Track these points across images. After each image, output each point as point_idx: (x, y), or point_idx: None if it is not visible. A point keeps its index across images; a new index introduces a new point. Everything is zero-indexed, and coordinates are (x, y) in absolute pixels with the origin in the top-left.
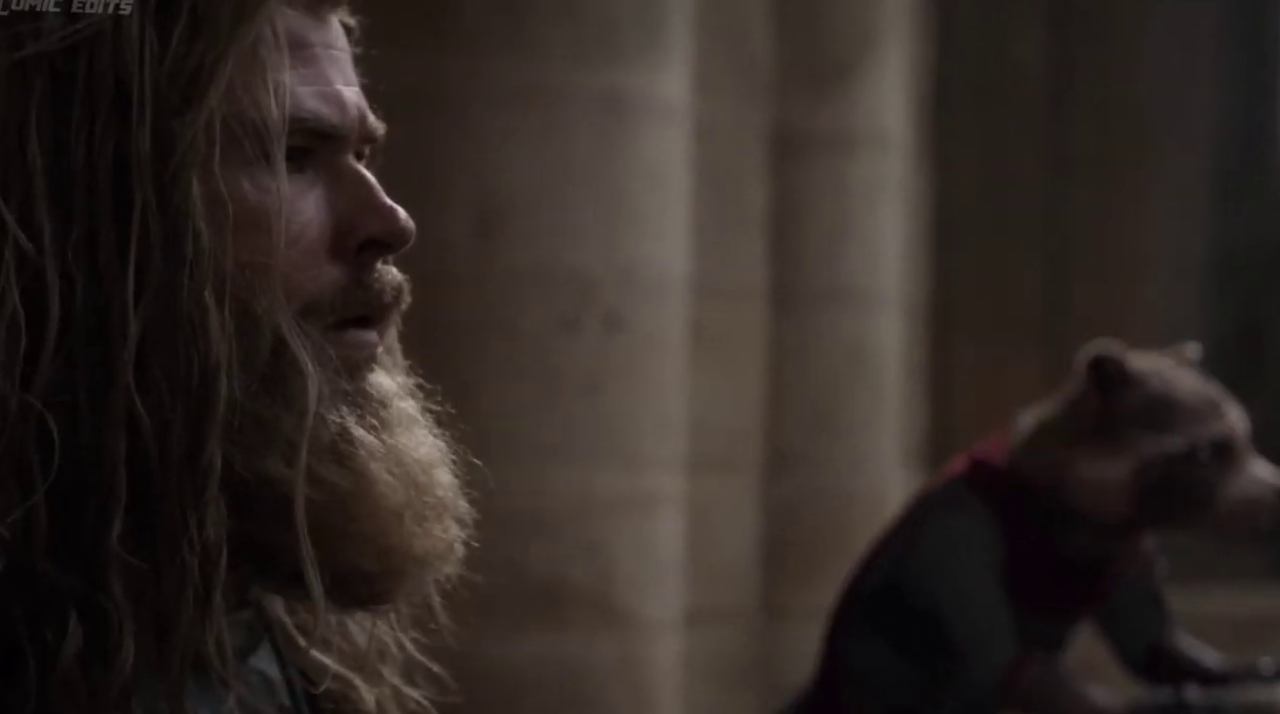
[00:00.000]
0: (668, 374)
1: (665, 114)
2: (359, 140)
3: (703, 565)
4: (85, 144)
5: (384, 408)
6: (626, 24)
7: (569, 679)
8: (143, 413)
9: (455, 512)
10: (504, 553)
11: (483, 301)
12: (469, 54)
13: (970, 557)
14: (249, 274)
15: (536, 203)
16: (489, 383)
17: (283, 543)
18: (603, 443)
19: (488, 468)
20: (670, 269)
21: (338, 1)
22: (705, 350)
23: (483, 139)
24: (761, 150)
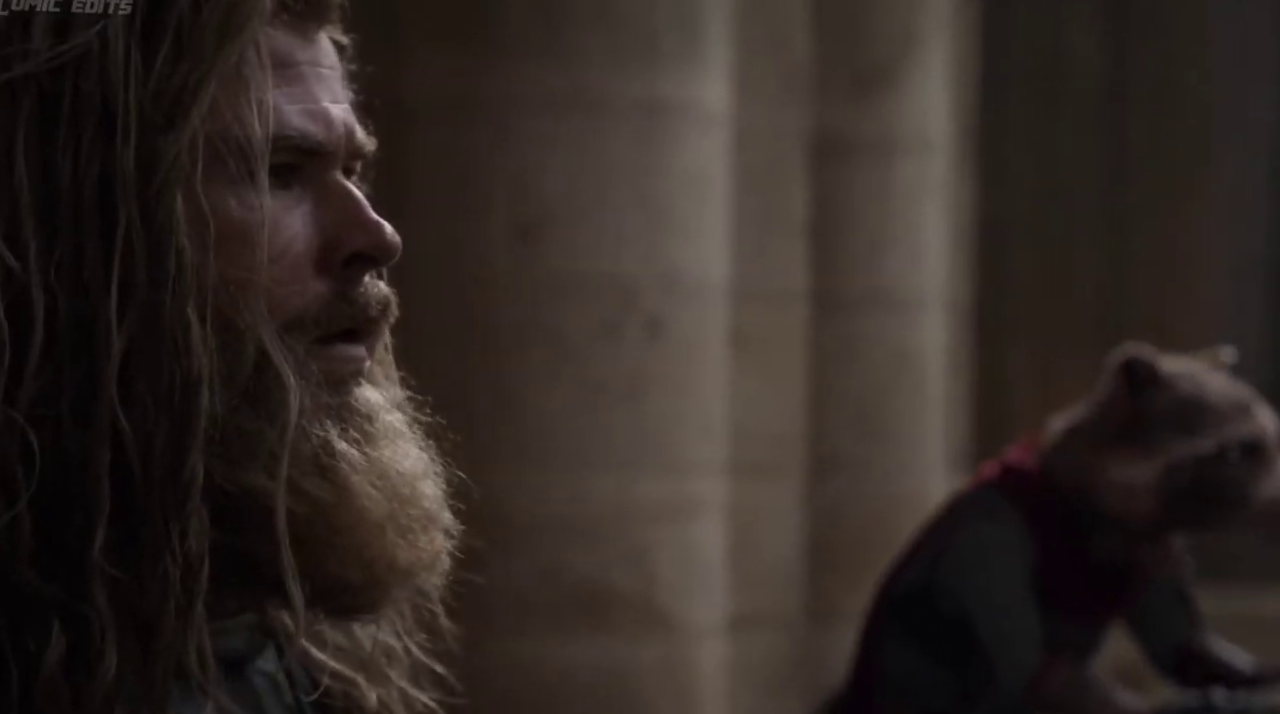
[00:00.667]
0: (709, 379)
1: (705, 119)
2: (347, 156)
3: (746, 570)
4: (71, 163)
5: (369, 422)
6: (665, 30)
7: (612, 685)
8: (126, 426)
9: (441, 523)
10: (546, 559)
11: (523, 308)
12: (509, 61)
13: (1000, 562)
14: (233, 289)
15: (577, 209)
16: (530, 389)
17: (265, 554)
18: (644, 448)
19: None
20: (710, 274)
21: (325, 20)
22: (747, 355)
23: (523, 146)
24: (802, 154)
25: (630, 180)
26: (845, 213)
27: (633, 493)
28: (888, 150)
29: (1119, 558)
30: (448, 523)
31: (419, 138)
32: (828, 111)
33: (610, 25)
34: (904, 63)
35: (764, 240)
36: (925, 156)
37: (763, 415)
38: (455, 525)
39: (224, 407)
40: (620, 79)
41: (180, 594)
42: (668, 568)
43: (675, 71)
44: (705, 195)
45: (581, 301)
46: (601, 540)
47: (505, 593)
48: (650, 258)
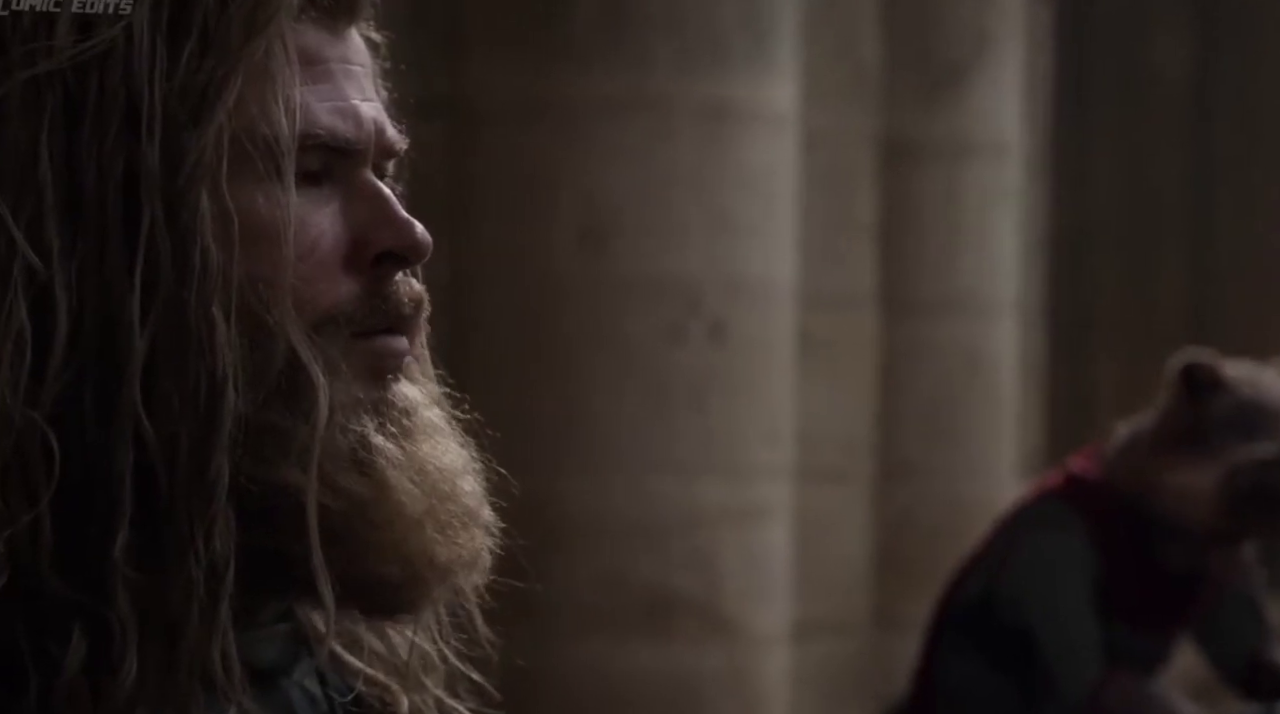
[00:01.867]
0: (774, 383)
1: (772, 122)
2: (378, 155)
3: (812, 576)
4: (95, 161)
5: (407, 416)
6: (733, 32)
7: (676, 691)
8: (149, 427)
9: (481, 520)
10: (610, 564)
11: (588, 312)
12: (575, 64)
13: (1063, 573)
14: (260, 287)
15: (642, 212)
16: (595, 393)
17: (298, 552)
18: (709, 453)
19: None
20: (777, 278)
21: (355, 16)
22: (815, 359)
23: (589, 149)
24: (872, 157)
25: (696, 183)
26: (915, 216)
27: (697, 498)
28: (959, 153)
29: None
30: (488, 520)
31: (485, 142)
32: (898, 113)
33: (677, 27)
34: (976, 64)
35: (832, 243)
36: (998, 160)
37: (830, 420)
38: (496, 522)
39: (252, 405)
40: (687, 81)
41: (204, 597)
42: (732, 574)
43: (743, 73)
44: (772, 198)
45: (647, 305)
46: (666, 545)
47: (569, 598)
48: (716, 261)
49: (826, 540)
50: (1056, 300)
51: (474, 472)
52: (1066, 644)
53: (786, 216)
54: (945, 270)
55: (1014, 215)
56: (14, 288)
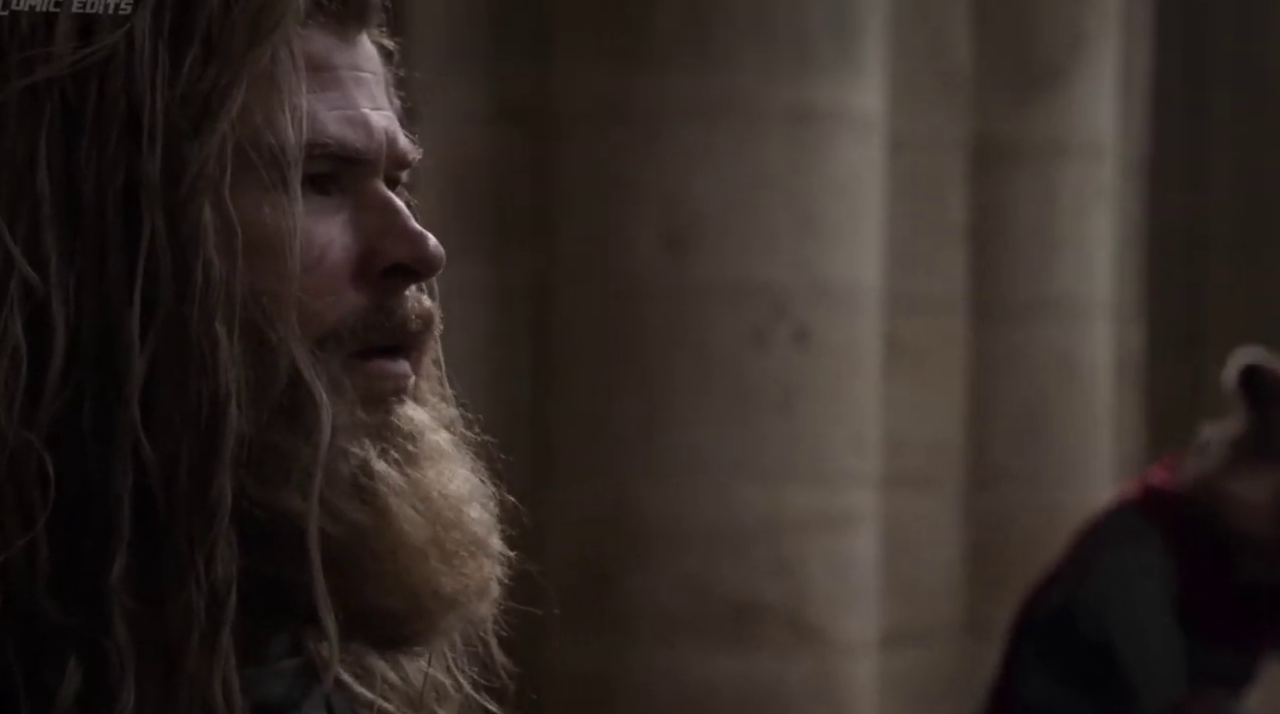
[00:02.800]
0: (861, 388)
1: (859, 124)
2: (390, 165)
3: (903, 583)
4: (95, 171)
5: (412, 441)
6: (819, 35)
7: (760, 700)
8: (148, 447)
9: (489, 549)
10: (693, 571)
11: (672, 316)
12: (659, 68)
13: (1144, 587)
14: (264, 302)
15: (726, 216)
16: (678, 399)
17: (300, 580)
18: (794, 459)
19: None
20: (863, 281)
21: (365, 22)
22: (903, 364)
23: (672, 153)
24: (962, 159)
25: (781, 187)
26: (1008, 219)
27: (782, 504)
28: (1053, 154)
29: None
30: (497, 548)
31: (568, 146)
32: (990, 115)
33: (763, 30)
34: (1071, 63)
35: (921, 247)
36: (1093, 161)
37: (919, 425)
38: (506, 551)
39: (254, 425)
40: (773, 84)
41: (205, 624)
42: (818, 581)
43: (829, 76)
44: (858, 201)
45: (730, 310)
46: (750, 552)
47: (651, 606)
48: (801, 265)
49: (915, 547)
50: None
51: (484, 498)
52: (1148, 659)
53: (873, 220)
54: (1038, 273)
55: (1110, 217)
56: (9, 303)
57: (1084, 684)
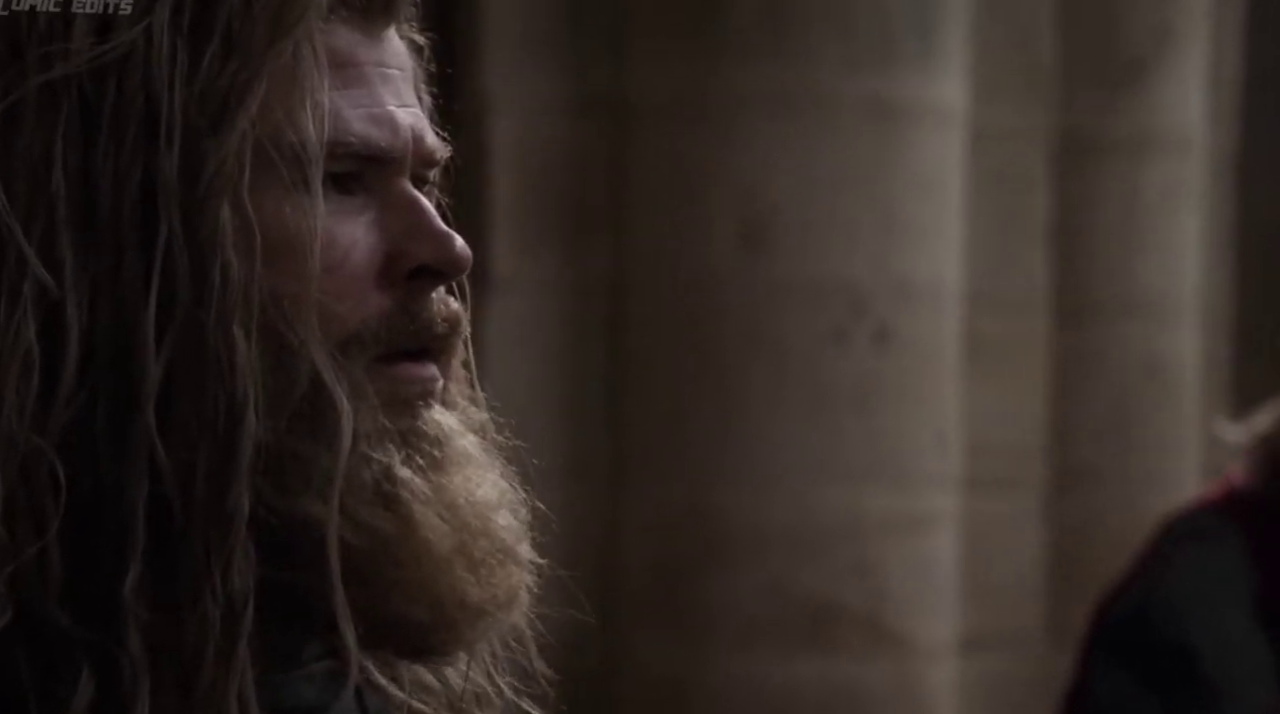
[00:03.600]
0: (942, 389)
1: (940, 119)
2: (417, 164)
3: (982, 587)
4: (112, 170)
5: (438, 447)
6: (900, 27)
7: (840, 705)
8: (164, 454)
9: (517, 557)
10: (772, 574)
11: (748, 315)
12: (736, 60)
13: (1225, 589)
14: (284, 304)
15: (804, 212)
16: (754, 399)
17: (320, 589)
18: (873, 460)
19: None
20: (944, 279)
21: (392, 16)
22: (985, 364)
23: (749, 148)
24: (1046, 155)
25: (861, 183)
26: (1092, 216)
27: (861, 506)
28: (1139, 150)
29: None
30: (526, 556)
31: (642, 139)
32: (1074, 110)
33: (843, 22)
34: (1158, 57)
35: (1003, 245)
36: (1180, 157)
37: (1001, 426)
38: (535, 558)
39: (273, 431)
40: (852, 78)
41: (221, 636)
42: (898, 584)
43: (910, 69)
44: (940, 198)
45: (808, 308)
46: (829, 555)
47: (729, 609)
48: (881, 263)
49: (997, 550)
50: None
51: (513, 504)
52: (1230, 660)
53: (954, 217)
54: (1123, 272)
55: (1197, 214)
56: (23, 305)
57: (1162, 687)
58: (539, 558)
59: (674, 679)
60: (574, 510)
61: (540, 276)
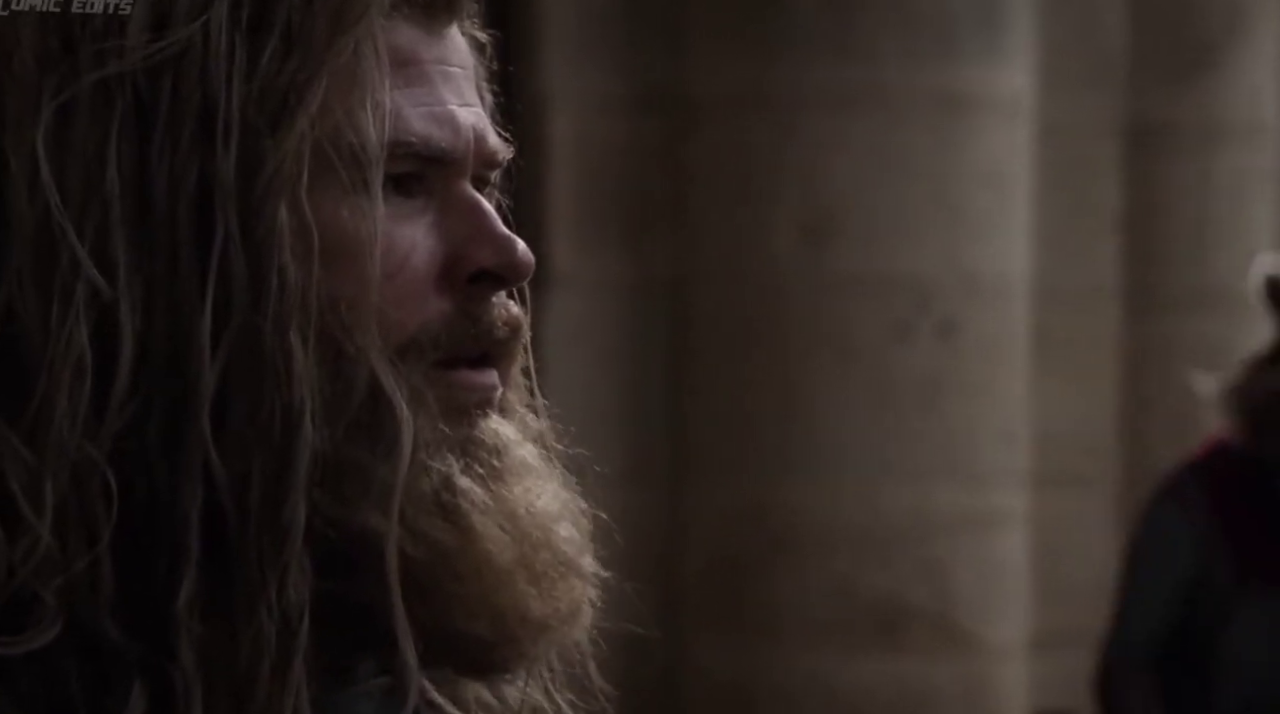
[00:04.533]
0: (1010, 383)
1: (1006, 110)
2: (479, 165)
3: (1053, 586)
4: (167, 170)
5: (498, 456)
6: (964, 18)
7: (908, 705)
8: (219, 463)
9: (581, 569)
10: (837, 573)
11: (811, 310)
12: (798, 55)
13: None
14: (342, 309)
15: (868, 207)
16: (819, 395)
17: (378, 603)
18: (941, 457)
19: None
20: (1011, 272)
21: (455, 14)
22: (1054, 358)
23: (812, 142)
24: (1116, 145)
25: (925, 176)
26: (1163, 206)
27: (929, 504)
28: (1210, 138)
29: None
30: (588, 568)
31: (703, 135)
32: (1144, 98)
33: (905, 15)
34: (1229, 44)
35: (1072, 237)
36: (1252, 144)
37: (1071, 422)
38: (599, 571)
39: (331, 440)
40: (916, 71)
41: (276, 652)
42: (966, 583)
43: (974, 61)
44: (1006, 190)
45: (873, 303)
46: (896, 554)
47: (794, 609)
48: (946, 256)
49: (1067, 548)
50: None
51: (576, 515)
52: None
53: (1021, 208)
54: (1195, 263)
55: (1270, 203)
56: (76, 309)
57: None
58: (602, 570)
59: (739, 682)
60: (635, 511)
61: (600, 274)
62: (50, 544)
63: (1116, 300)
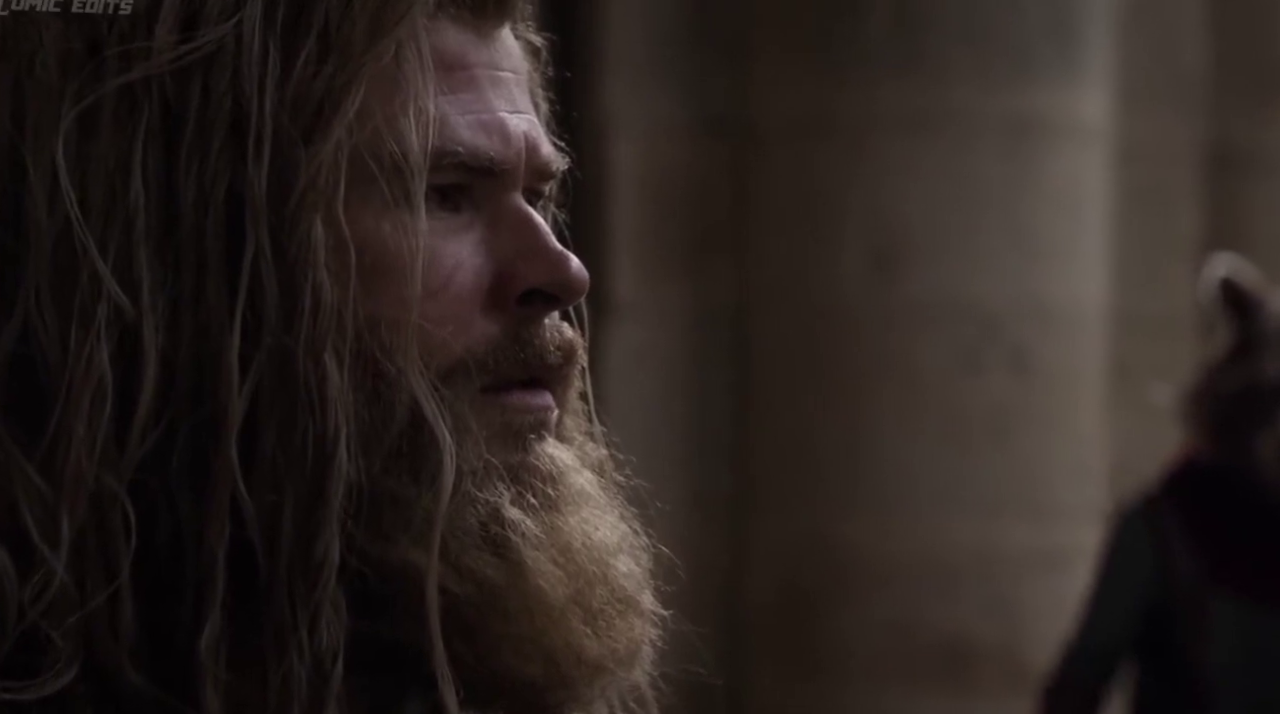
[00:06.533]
0: (1083, 416)
1: (1081, 134)
2: (530, 176)
3: None
4: (195, 182)
5: (553, 484)
6: (1038, 40)
7: None
8: (247, 495)
9: (640, 607)
10: (903, 610)
11: (879, 339)
12: (865, 78)
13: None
14: (381, 331)
15: (937, 233)
16: (885, 426)
17: (419, 644)
18: (1010, 491)
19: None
20: (1085, 301)
21: (506, 15)
22: (1130, 389)
23: (880, 167)
24: (1196, 169)
25: (997, 201)
26: (1246, 231)
27: (997, 539)
28: None
29: None
30: (648, 606)
31: (767, 160)
32: (1225, 120)
33: (977, 37)
34: None
35: (1150, 264)
36: None
37: (1146, 455)
38: (659, 608)
39: (367, 470)
40: (988, 93)
41: (307, 697)
42: (1036, 622)
43: (1049, 83)
44: (1080, 216)
45: (941, 332)
46: (963, 590)
47: (857, 645)
48: (1017, 284)
49: None
50: None
51: (635, 549)
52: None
53: (1096, 235)
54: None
55: None
56: (97, 329)
57: None
58: (662, 608)
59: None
60: (696, 544)
61: (662, 303)
62: (66, 582)
63: (1194, 329)
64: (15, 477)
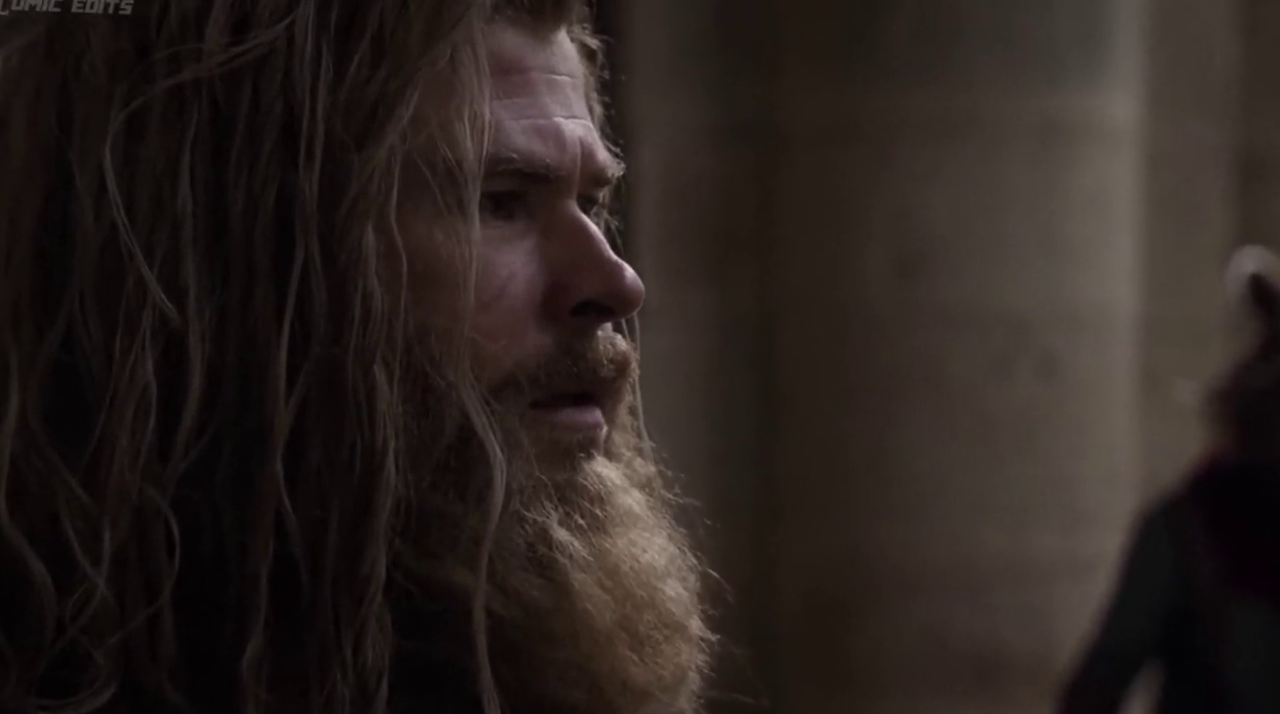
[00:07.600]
0: (1113, 423)
1: (1110, 139)
2: (586, 183)
3: None
4: (244, 187)
5: (601, 505)
6: (1066, 44)
7: None
8: (292, 510)
9: (687, 633)
10: (930, 618)
11: (906, 346)
12: (892, 84)
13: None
14: (432, 342)
15: (965, 238)
16: (913, 434)
17: (464, 666)
18: (1040, 498)
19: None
20: (1115, 307)
21: (563, 17)
22: (1160, 396)
23: (906, 172)
24: (1227, 173)
25: (1025, 207)
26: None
27: (1027, 547)
28: None
29: None
30: (696, 632)
31: (796, 165)
32: (1256, 125)
33: (1005, 41)
34: None
35: (1180, 269)
36: None
37: (1177, 462)
38: (707, 633)
39: (415, 486)
40: (1015, 98)
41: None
42: (1067, 630)
43: (1077, 88)
44: (1110, 221)
45: (970, 338)
46: (993, 599)
47: (887, 656)
48: (1046, 290)
49: None
50: None
51: (683, 571)
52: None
53: (1126, 240)
54: None
55: None
56: (141, 338)
57: None
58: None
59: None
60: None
61: (687, 309)
62: (106, 597)
63: (1225, 335)
64: (58, 488)
